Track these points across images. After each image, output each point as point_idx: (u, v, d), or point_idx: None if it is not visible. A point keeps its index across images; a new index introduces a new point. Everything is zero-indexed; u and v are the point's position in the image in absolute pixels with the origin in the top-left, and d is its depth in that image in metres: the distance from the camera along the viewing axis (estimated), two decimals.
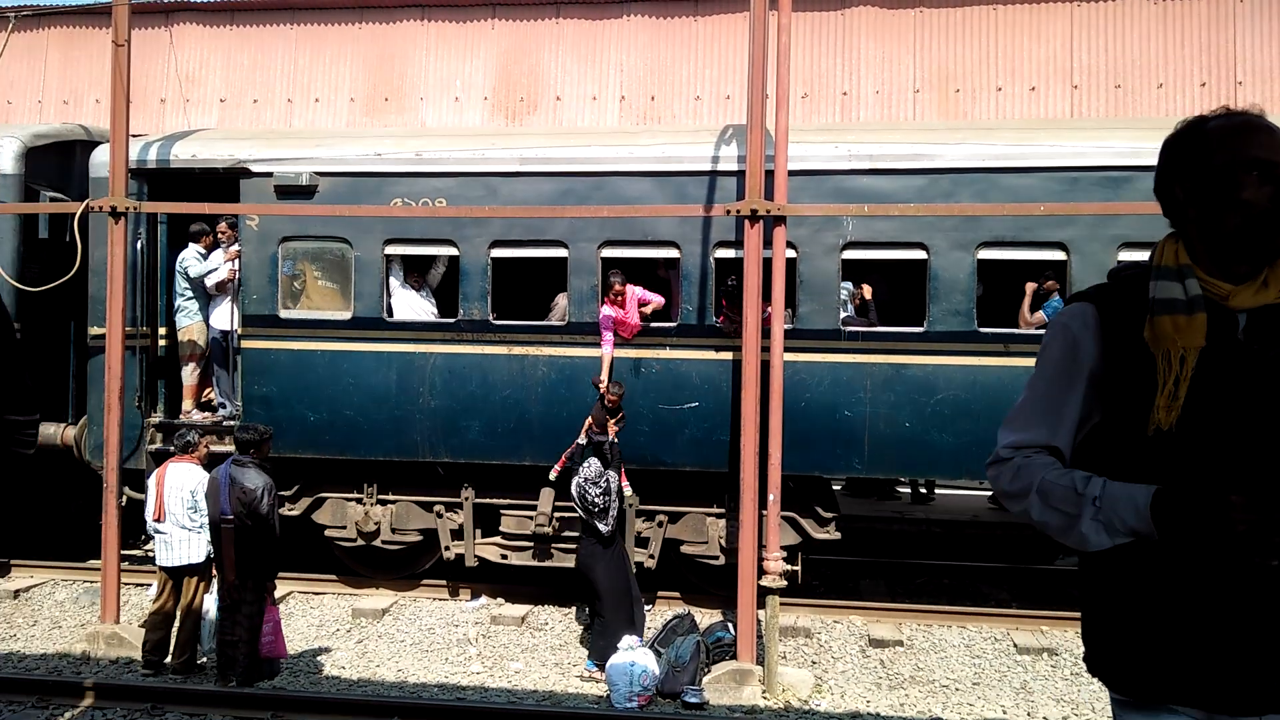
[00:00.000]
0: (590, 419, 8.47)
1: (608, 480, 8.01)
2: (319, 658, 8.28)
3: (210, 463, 7.84)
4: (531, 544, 9.30)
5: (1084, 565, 2.22)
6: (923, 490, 13.24)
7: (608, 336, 8.73)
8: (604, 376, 8.66)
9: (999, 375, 8.33)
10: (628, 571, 8.35)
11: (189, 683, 7.43)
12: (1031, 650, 8.37)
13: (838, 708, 7.33)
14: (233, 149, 9.46)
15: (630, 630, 7.73)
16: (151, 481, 7.75)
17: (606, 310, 8.71)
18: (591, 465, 8.09)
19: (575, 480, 8.14)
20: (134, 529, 8.80)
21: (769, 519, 7.59)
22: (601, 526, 8.01)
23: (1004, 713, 7.24)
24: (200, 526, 7.51)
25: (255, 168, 9.29)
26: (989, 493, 13.34)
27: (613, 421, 8.40)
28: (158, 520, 7.59)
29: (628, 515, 9.06)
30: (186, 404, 9.64)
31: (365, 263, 9.14)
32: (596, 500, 7.96)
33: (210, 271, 9.51)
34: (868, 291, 8.93)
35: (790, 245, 8.16)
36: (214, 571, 7.59)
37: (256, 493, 7.11)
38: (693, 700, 7.29)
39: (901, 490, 13.25)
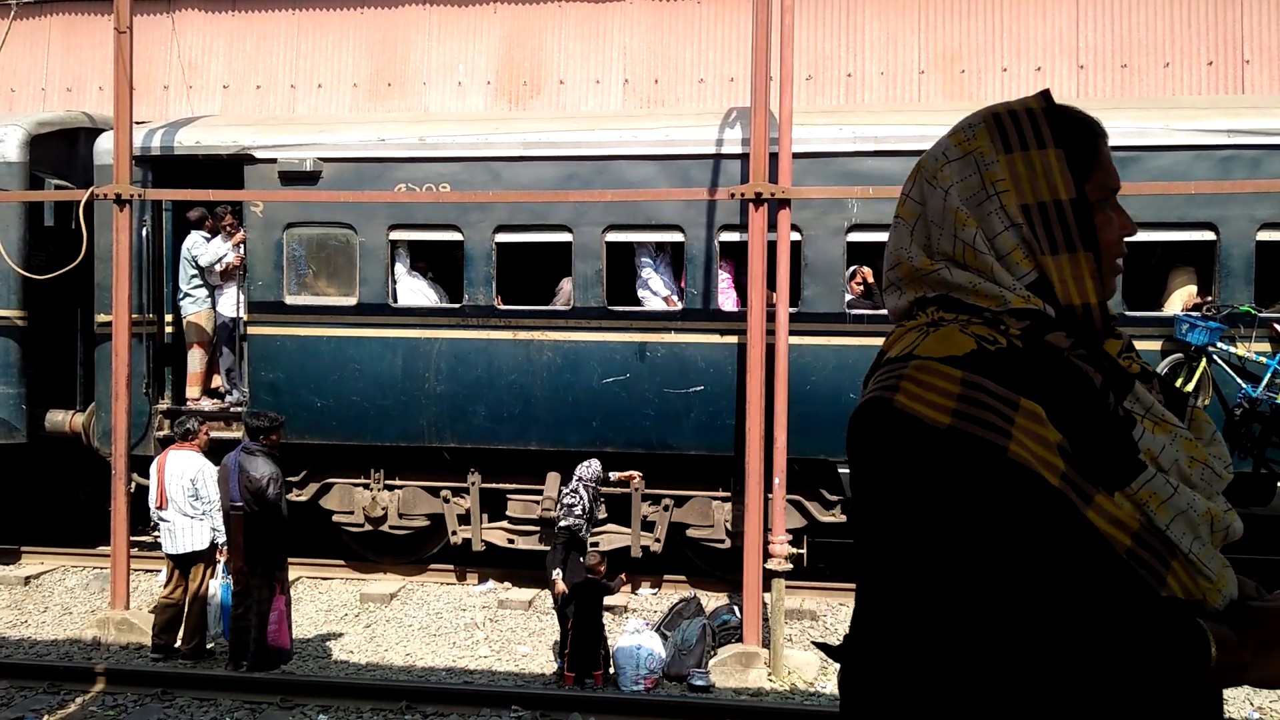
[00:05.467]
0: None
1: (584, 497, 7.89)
2: (328, 643, 8.33)
3: (213, 449, 7.86)
4: (538, 528, 9.33)
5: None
6: None
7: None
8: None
9: None
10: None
11: (199, 668, 7.50)
12: None
13: None
14: (236, 135, 9.45)
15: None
16: (153, 469, 7.79)
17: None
18: (592, 466, 8.08)
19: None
20: (143, 515, 8.85)
21: (774, 502, 7.60)
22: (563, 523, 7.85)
23: None
24: (203, 514, 7.55)
25: (259, 154, 9.28)
26: None
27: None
28: (160, 508, 7.63)
29: (633, 500, 9.10)
30: (193, 391, 9.67)
31: (370, 248, 9.14)
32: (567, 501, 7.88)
33: (221, 258, 9.52)
34: (869, 275, 8.90)
35: (795, 228, 8.14)
36: (218, 557, 7.65)
37: (263, 481, 7.16)
38: (699, 683, 7.33)
39: None
